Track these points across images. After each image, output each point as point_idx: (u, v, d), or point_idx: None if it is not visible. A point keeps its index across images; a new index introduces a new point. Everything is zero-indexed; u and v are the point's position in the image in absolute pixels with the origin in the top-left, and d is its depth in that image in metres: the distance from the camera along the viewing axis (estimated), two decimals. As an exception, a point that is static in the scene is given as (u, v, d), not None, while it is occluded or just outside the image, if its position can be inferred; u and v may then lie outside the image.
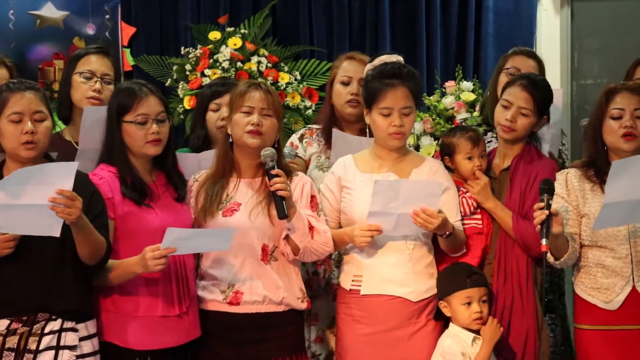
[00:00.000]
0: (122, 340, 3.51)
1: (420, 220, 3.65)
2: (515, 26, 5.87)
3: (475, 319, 3.69)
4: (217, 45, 5.65)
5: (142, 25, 6.07)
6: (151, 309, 3.54)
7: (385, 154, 3.87)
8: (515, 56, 4.49)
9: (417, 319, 3.78)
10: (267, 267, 3.68)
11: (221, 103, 4.24)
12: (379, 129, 3.80)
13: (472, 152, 3.97)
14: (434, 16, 5.87)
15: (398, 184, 3.68)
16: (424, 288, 3.80)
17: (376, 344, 3.76)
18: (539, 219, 3.45)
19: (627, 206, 3.37)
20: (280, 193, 3.53)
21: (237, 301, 3.66)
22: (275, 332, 3.69)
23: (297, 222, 3.60)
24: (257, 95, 3.70)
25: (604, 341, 3.60)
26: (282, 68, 5.68)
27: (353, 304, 3.82)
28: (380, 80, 3.79)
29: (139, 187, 3.59)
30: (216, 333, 3.69)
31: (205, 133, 4.27)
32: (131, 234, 3.54)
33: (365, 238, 3.71)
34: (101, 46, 4.36)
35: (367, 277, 3.80)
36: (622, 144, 3.59)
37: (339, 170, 3.90)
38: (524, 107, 3.88)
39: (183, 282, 3.62)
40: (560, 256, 3.63)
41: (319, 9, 5.99)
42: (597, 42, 5.94)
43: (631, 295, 3.56)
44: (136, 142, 3.59)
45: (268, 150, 3.63)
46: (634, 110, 3.60)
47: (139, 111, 3.58)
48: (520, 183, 3.88)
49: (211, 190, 3.73)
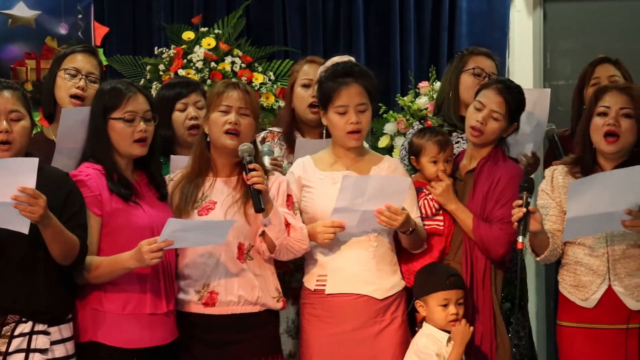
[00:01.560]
0: (109, 338, 3.47)
1: (385, 218, 3.67)
2: (489, 27, 5.89)
3: (451, 321, 3.70)
4: (190, 45, 5.64)
5: (115, 25, 6.05)
6: (140, 307, 3.51)
7: (343, 154, 3.88)
8: (476, 56, 4.49)
9: (382, 317, 3.79)
10: (243, 266, 3.67)
11: (188, 102, 4.22)
12: (336, 128, 3.82)
13: (438, 157, 3.99)
14: (407, 17, 5.88)
15: (366, 179, 3.69)
16: (388, 285, 3.82)
17: (342, 343, 3.76)
18: (516, 216, 3.47)
19: (592, 219, 3.41)
20: (257, 187, 3.53)
21: (213, 302, 3.64)
22: (251, 333, 3.68)
23: (274, 217, 3.60)
24: (235, 95, 3.70)
25: (583, 338, 3.63)
26: (256, 68, 5.67)
27: (318, 304, 3.82)
28: (334, 80, 3.81)
29: (125, 184, 3.57)
30: (193, 335, 3.67)
31: (172, 134, 4.25)
32: (120, 230, 3.51)
33: (328, 235, 3.72)
34: (87, 45, 4.39)
35: (332, 277, 3.80)
36: (604, 145, 3.61)
37: (298, 170, 3.91)
38: (496, 111, 3.90)
39: (170, 279, 3.61)
40: (541, 253, 3.65)
41: (293, 9, 5.99)
42: (569, 44, 5.98)
43: (607, 294, 3.59)
44: (123, 139, 3.57)
45: (246, 145, 3.63)
46: (620, 109, 3.62)
47: (127, 108, 3.56)
48: (483, 185, 3.89)
49: (186, 189, 3.72)
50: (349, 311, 3.77)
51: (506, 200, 3.80)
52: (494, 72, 4.43)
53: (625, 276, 3.57)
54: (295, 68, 4.57)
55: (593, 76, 4.42)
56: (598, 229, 3.52)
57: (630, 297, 3.56)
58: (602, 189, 3.37)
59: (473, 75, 4.40)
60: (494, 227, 3.82)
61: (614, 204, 3.36)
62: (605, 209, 3.37)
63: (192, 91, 4.24)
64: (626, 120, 3.60)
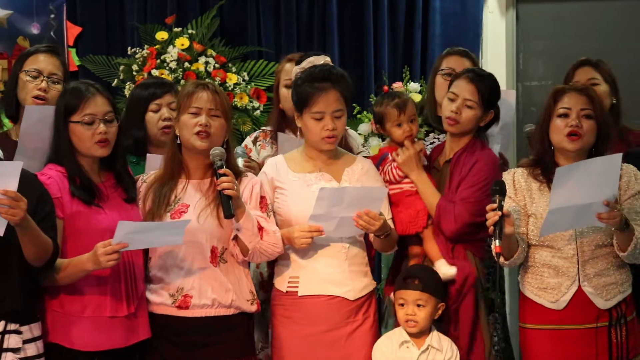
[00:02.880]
0: (68, 341, 3.47)
1: (363, 222, 3.68)
2: (462, 28, 5.92)
3: (406, 321, 3.72)
4: (164, 45, 5.62)
5: (87, 24, 6.02)
6: (99, 309, 3.50)
7: (316, 155, 3.88)
8: (449, 57, 4.53)
9: (354, 317, 3.80)
10: (216, 269, 3.66)
11: (161, 103, 4.20)
12: (311, 133, 3.81)
13: (400, 119, 3.99)
14: (381, 17, 5.89)
15: (343, 190, 3.69)
16: (360, 286, 3.82)
17: (315, 344, 3.77)
18: (491, 220, 3.47)
19: (571, 211, 3.42)
20: (226, 192, 3.51)
21: (186, 305, 3.63)
22: (225, 335, 3.67)
23: (246, 222, 3.59)
24: (205, 96, 3.67)
25: (549, 340, 3.64)
26: (230, 69, 5.67)
27: (290, 306, 3.82)
28: (311, 84, 3.79)
29: (88, 187, 3.56)
30: (165, 337, 3.66)
31: (144, 134, 4.23)
32: (80, 233, 3.50)
33: (305, 240, 3.72)
34: (50, 45, 4.31)
35: (304, 278, 3.80)
36: (567, 143, 3.63)
37: (271, 170, 3.90)
38: (469, 99, 3.91)
39: (132, 282, 3.59)
40: (510, 256, 3.66)
41: (267, 9, 5.99)
42: (542, 45, 6.01)
43: (577, 295, 3.60)
44: (83, 142, 3.56)
45: (217, 150, 3.61)
46: (580, 110, 3.64)
47: (86, 111, 3.55)
48: (459, 174, 3.90)
49: (159, 192, 3.70)
50: (321, 312, 3.78)
51: (475, 182, 3.81)
52: None
53: (594, 276, 3.60)
54: (278, 68, 4.57)
55: (573, 80, 4.43)
56: (574, 223, 3.52)
57: (599, 296, 3.59)
58: (584, 177, 3.37)
59: (443, 76, 4.44)
60: (457, 204, 3.82)
61: (592, 195, 3.37)
62: (585, 200, 3.38)
63: (166, 92, 4.23)
64: (587, 121, 3.63)
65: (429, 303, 3.73)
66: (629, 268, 3.67)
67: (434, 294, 3.75)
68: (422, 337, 3.75)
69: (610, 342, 3.58)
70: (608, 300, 3.59)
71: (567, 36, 5.95)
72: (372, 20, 5.90)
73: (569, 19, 5.97)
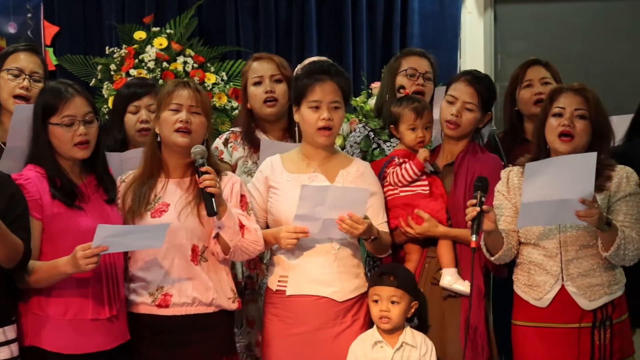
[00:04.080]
0: (48, 344, 3.43)
1: (346, 226, 3.68)
2: (440, 28, 5.94)
3: (380, 317, 3.73)
4: (142, 45, 5.60)
5: (65, 24, 6.00)
6: (81, 312, 3.47)
7: (313, 154, 3.88)
8: (409, 57, 4.52)
9: (342, 318, 3.79)
10: (197, 268, 3.65)
11: (140, 105, 4.19)
12: (307, 124, 3.82)
13: (416, 124, 4.01)
14: (360, 17, 5.90)
15: (325, 189, 3.69)
16: (350, 288, 3.81)
17: (302, 344, 3.76)
18: (470, 215, 3.49)
19: (547, 206, 3.43)
20: (209, 190, 3.51)
21: (166, 303, 3.62)
22: (206, 333, 3.66)
23: (227, 220, 3.59)
24: (186, 93, 3.67)
25: (537, 337, 3.65)
26: (209, 68, 5.66)
27: (279, 305, 3.82)
28: (309, 76, 3.82)
29: (69, 189, 3.52)
30: (146, 336, 3.64)
31: (124, 136, 4.21)
32: (60, 235, 3.46)
33: (291, 240, 3.72)
34: (30, 44, 4.28)
35: (293, 278, 3.80)
36: (558, 144, 3.63)
37: (267, 169, 3.90)
38: (469, 102, 3.93)
39: (113, 284, 3.57)
40: (495, 252, 3.68)
41: (245, 9, 5.99)
42: (519, 45, 6.04)
43: (560, 293, 3.61)
44: (63, 144, 3.52)
45: (198, 148, 3.61)
46: (575, 110, 3.64)
47: (65, 113, 3.51)
48: (464, 177, 3.91)
49: (139, 191, 3.68)
50: (308, 312, 3.77)
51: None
52: (428, 71, 4.46)
53: (578, 276, 3.61)
54: (245, 68, 4.56)
55: (525, 78, 4.48)
56: (552, 219, 3.53)
57: (583, 297, 3.60)
58: (557, 174, 3.38)
59: (407, 76, 4.44)
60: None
61: (568, 191, 3.38)
62: (560, 196, 3.39)
63: (147, 93, 4.20)
64: (581, 122, 3.63)
65: (403, 300, 3.74)
66: (621, 270, 3.67)
67: (408, 291, 3.76)
68: (395, 335, 3.75)
69: (593, 344, 3.59)
70: (592, 301, 3.59)
71: (545, 37, 5.99)
72: (350, 20, 5.91)
73: (546, 20, 6.01)
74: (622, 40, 5.90)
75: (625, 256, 3.53)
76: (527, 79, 4.47)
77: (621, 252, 3.51)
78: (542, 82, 4.44)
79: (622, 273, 3.68)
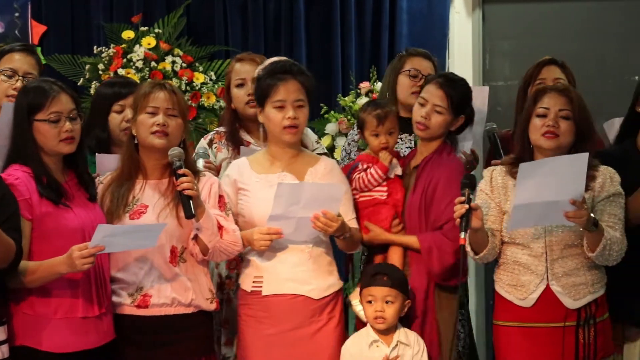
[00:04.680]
0: (39, 343, 3.43)
1: (320, 224, 3.70)
2: (429, 27, 5.94)
3: (375, 318, 3.73)
4: (130, 44, 5.59)
5: (52, 23, 5.98)
6: (72, 310, 3.48)
7: (279, 154, 3.89)
8: (412, 57, 4.54)
9: (319, 316, 3.81)
10: (176, 269, 3.67)
11: (125, 104, 4.17)
12: (273, 123, 3.83)
13: (378, 130, 4.03)
14: (348, 17, 5.90)
15: (301, 187, 3.71)
16: (325, 285, 3.84)
17: (279, 344, 3.78)
18: (458, 212, 3.50)
19: (538, 207, 3.44)
20: (187, 192, 3.52)
21: (145, 304, 3.63)
22: (185, 334, 3.67)
23: (206, 221, 3.60)
24: (162, 95, 3.67)
25: (520, 337, 3.67)
26: (197, 68, 5.65)
27: (255, 305, 3.82)
28: (272, 77, 3.83)
29: (55, 187, 3.53)
30: (125, 337, 3.65)
31: (107, 135, 4.20)
32: (50, 234, 3.46)
33: (264, 242, 3.74)
34: (26, 44, 4.28)
35: (268, 278, 3.81)
36: (543, 141, 3.65)
37: (234, 172, 3.91)
38: (438, 105, 3.94)
39: (101, 282, 3.58)
40: (480, 251, 3.69)
41: (234, 9, 5.98)
42: (507, 45, 6.05)
43: (545, 293, 3.63)
44: (50, 140, 3.53)
45: (175, 150, 3.62)
46: (559, 111, 3.66)
47: (52, 109, 3.52)
48: (424, 181, 3.94)
49: (117, 192, 3.69)
50: (285, 311, 3.79)
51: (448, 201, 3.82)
52: (431, 73, 4.46)
53: (563, 276, 3.62)
54: (228, 69, 4.58)
55: (539, 77, 4.46)
56: (542, 219, 3.54)
57: (568, 296, 3.61)
58: (550, 175, 3.39)
59: (409, 76, 4.45)
60: (436, 233, 3.87)
61: (559, 192, 3.40)
62: (551, 198, 3.40)
63: (131, 92, 4.18)
64: (565, 122, 3.65)
65: (398, 299, 3.76)
66: (603, 269, 3.69)
67: (402, 290, 3.78)
68: (390, 334, 3.77)
69: (577, 342, 3.61)
70: (577, 300, 3.62)
71: (532, 36, 5.99)
72: (339, 20, 5.91)
73: (534, 20, 6.01)
74: (610, 40, 5.92)
75: (610, 256, 3.56)
76: (540, 77, 4.45)
77: (606, 253, 3.53)
78: (556, 82, 4.37)
79: (604, 272, 3.70)
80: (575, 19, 5.96)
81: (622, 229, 3.61)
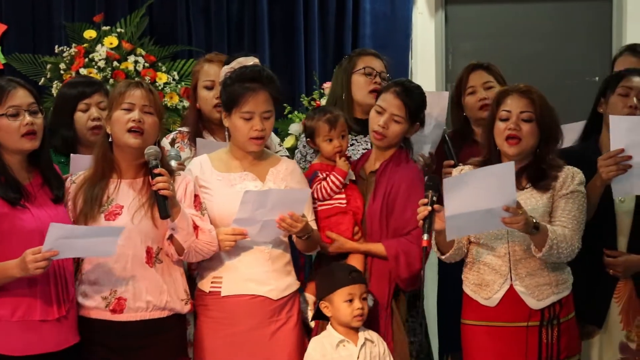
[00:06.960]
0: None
1: (286, 225, 3.70)
2: (392, 28, 5.96)
3: (356, 316, 3.73)
4: (92, 44, 5.55)
5: (13, 22, 5.93)
6: (29, 313, 3.43)
7: (242, 155, 3.88)
8: (364, 57, 4.53)
9: (277, 316, 3.81)
10: (152, 270, 3.64)
11: (90, 103, 4.16)
12: (240, 133, 3.81)
13: (331, 134, 4.04)
14: (311, 17, 5.90)
15: (267, 193, 3.70)
16: (283, 285, 3.84)
17: (238, 344, 3.76)
18: (422, 214, 3.51)
19: (473, 216, 3.44)
20: (162, 192, 3.50)
21: (121, 308, 3.59)
22: (158, 337, 3.65)
23: (181, 221, 3.58)
24: (138, 93, 3.65)
25: (485, 336, 3.68)
26: (160, 68, 5.62)
27: (213, 306, 3.81)
28: (241, 84, 3.79)
29: (14, 186, 3.48)
30: (98, 341, 3.61)
31: (74, 134, 4.17)
32: (5, 236, 3.41)
33: (229, 242, 3.73)
34: None
35: (227, 278, 3.80)
36: (507, 148, 3.67)
37: (196, 169, 3.89)
38: (396, 115, 3.96)
39: (62, 284, 3.53)
40: (446, 251, 3.71)
41: (197, 8, 5.96)
42: (470, 45, 6.09)
43: (508, 293, 3.64)
44: (10, 135, 3.48)
45: (152, 149, 3.59)
46: (520, 113, 3.67)
47: (9, 103, 3.48)
48: (383, 187, 3.96)
49: (90, 192, 3.65)
50: (244, 312, 3.78)
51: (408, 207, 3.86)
52: (383, 71, 4.49)
53: (526, 276, 3.64)
54: (195, 68, 4.54)
55: (468, 85, 4.50)
56: (481, 227, 3.57)
57: (531, 296, 3.63)
58: (477, 186, 3.41)
59: (364, 74, 4.45)
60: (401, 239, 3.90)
61: (491, 201, 3.41)
62: (484, 206, 3.42)
63: (95, 91, 4.19)
64: (527, 124, 3.65)
65: (368, 294, 3.79)
66: (568, 270, 3.72)
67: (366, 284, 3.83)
68: (356, 334, 3.77)
69: (540, 342, 3.62)
70: (540, 301, 3.63)
71: (495, 37, 6.04)
72: (302, 21, 5.91)
73: (497, 21, 6.06)
74: (572, 40, 5.98)
75: (560, 254, 3.57)
76: (469, 85, 4.49)
77: (554, 252, 3.55)
78: (485, 87, 4.46)
79: (569, 272, 3.73)
80: (538, 20, 6.02)
81: (575, 226, 3.61)
